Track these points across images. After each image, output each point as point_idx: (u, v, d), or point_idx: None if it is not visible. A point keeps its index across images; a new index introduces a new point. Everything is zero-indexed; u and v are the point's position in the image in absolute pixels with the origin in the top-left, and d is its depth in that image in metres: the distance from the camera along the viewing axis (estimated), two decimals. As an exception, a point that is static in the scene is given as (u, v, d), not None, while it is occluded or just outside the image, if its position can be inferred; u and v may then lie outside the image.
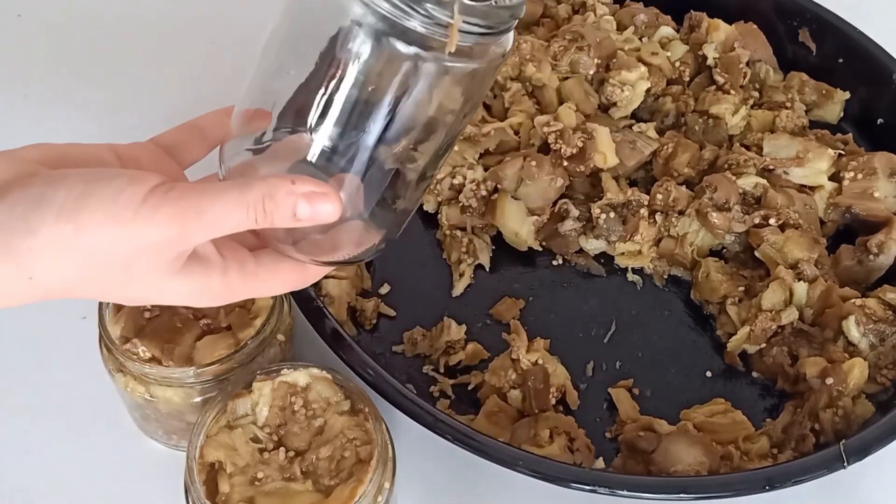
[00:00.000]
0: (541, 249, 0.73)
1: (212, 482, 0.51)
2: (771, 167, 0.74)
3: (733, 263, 0.72)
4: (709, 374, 0.67)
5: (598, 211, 0.71)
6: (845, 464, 0.56)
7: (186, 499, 0.52)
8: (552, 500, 0.60)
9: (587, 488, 0.55)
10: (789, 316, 0.66)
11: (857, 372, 0.62)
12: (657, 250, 0.72)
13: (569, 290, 0.72)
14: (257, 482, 0.51)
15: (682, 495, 0.55)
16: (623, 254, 0.73)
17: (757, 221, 0.70)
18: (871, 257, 0.70)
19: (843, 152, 0.76)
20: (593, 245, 0.73)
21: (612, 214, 0.71)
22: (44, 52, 0.88)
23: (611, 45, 0.80)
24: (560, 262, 0.73)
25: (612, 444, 0.63)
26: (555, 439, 0.60)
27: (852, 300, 0.66)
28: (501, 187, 0.72)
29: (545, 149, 0.73)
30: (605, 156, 0.73)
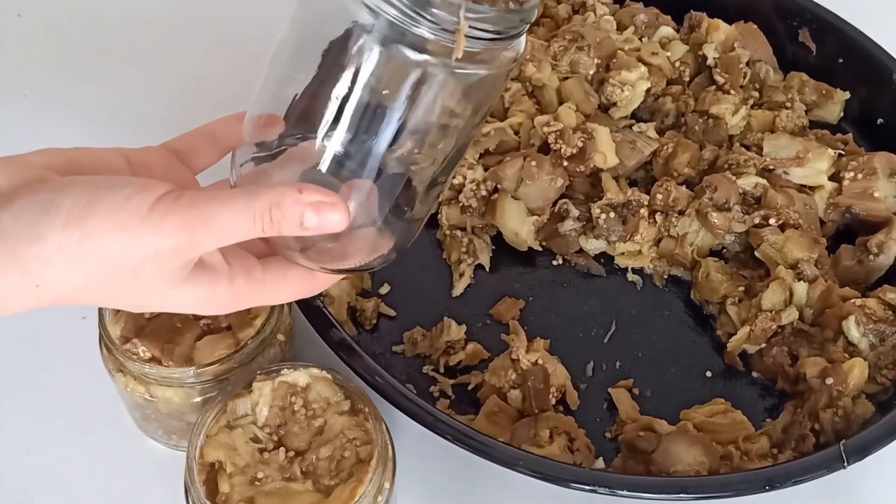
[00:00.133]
0: (541, 249, 0.73)
1: (212, 482, 0.51)
2: (771, 167, 0.74)
3: (733, 263, 0.72)
4: (709, 374, 0.67)
5: (598, 211, 0.71)
6: (845, 464, 0.56)
7: (186, 499, 0.52)
8: (552, 500, 0.60)
9: (587, 488, 0.55)
10: (789, 316, 0.66)
11: (857, 372, 0.62)
12: (657, 250, 0.72)
13: (569, 290, 0.72)
14: (257, 482, 0.51)
15: (682, 495, 0.55)
16: (623, 254, 0.73)
17: (757, 221, 0.70)
18: (871, 257, 0.70)
19: (843, 152, 0.76)
20: (593, 245, 0.73)
21: (612, 214, 0.71)
22: (44, 52, 0.88)
23: (611, 45, 0.80)
24: (560, 262, 0.73)
25: (612, 444, 0.63)
26: (555, 439, 0.60)
27: (852, 300, 0.66)
28: (501, 187, 0.72)
29: (545, 149, 0.73)
30: (605, 156, 0.73)
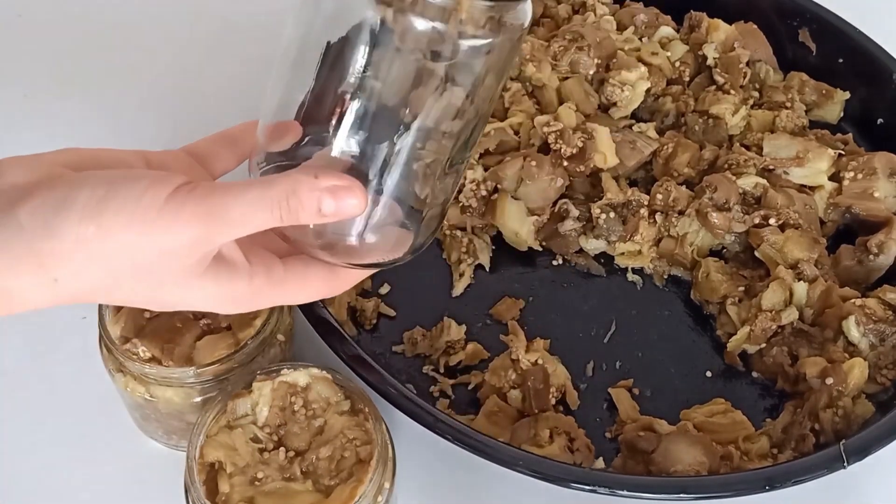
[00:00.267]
0: (541, 249, 0.73)
1: (212, 482, 0.51)
2: (771, 167, 0.74)
3: (733, 263, 0.72)
4: (709, 374, 0.67)
5: (598, 211, 0.71)
6: (845, 464, 0.56)
7: (186, 499, 0.52)
8: (552, 500, 0.60)
9: (587, 488, 0.55)
10: (789, 316, 0.66)
11: (857, 372, 0.62)
12: (657, 250, 0.72)
13: (569, 290, 0.72)
14: (257, 482, 0.51)
15: (682, 495, 0.55)
16: (623, 254, 0.73)
17: (757, 221, 0.70)
18: (871, 257, 0.70)
19: (843, 152, 0.76)
20: (593, 245, 0.73)
21: (612, 214, 0.71)
22: (44, 52, 0.88)
23: (611, 45, 0.80)
24: (560, 262, 0.73)
25: (612, 444, 0.63)
26: (555, 439, 0.60)
27: (852, 300, 0.66)
28: (501, 187, 0.72)
29: (545, 149, 0.73)
30: (605, 156, 0.73)
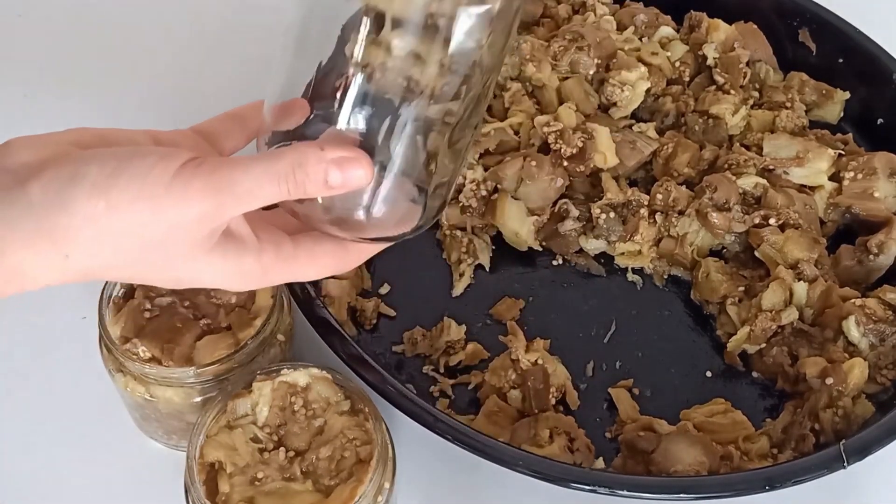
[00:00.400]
0: (541, 249, 0.73)
1: (212, 482, 0.51)
2: (771, 167, 0.74)
3: (733, 263, 0.72)
4: (709, 374, 0.67)
5: (598, 211, 0.71)
6: (845, 464, 0.56)
7: (186, 499, 0.52)
8: (552, 500, 0.60)
9: (587, 488, 0.55)
10: (789, 316, 0.66)
11: (857, 372, 0.62)
12: (657, 250, 0.72)
13: (569, 290, 0.72)
14: (257, 482, 0.51)
15: (682, 495, 0.55)
16: (623, 254, 0.73)
17: (757, 221, 0.70)
18: (871, 257, 0.70)
19: (843, 152, 0.76)
20: (593, 245, 0.73)
21: (612, 214, 0.71)
22: (44, 52, 0.88)
23: (611, 45, 0.80)
24: (560, 262, 0.73)
25: (612, 444, 0.63)
26: (555, 439, 0.60)
27: (852, 300, 0.66)
28: (501, 187, 0.72)
29: (545, 149, 0.73)
30: (605, 156, 0.72)
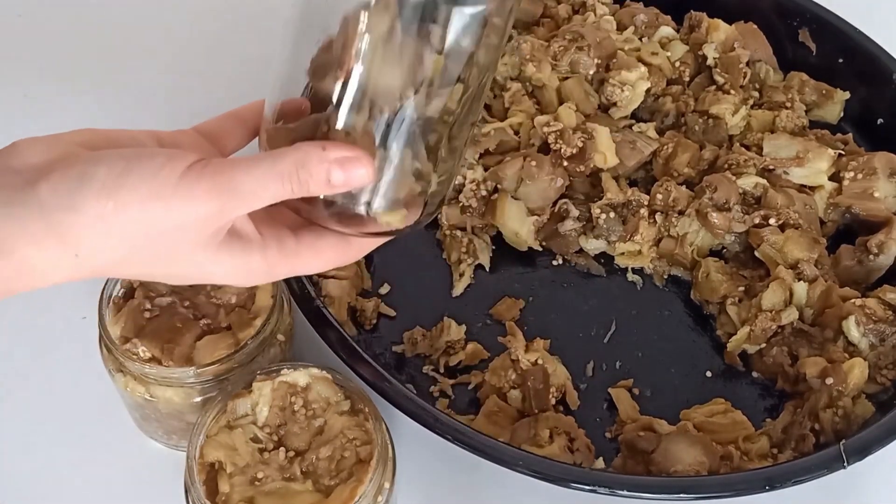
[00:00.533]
0: (541, 249, 0.73)
1: (212, 482, 0.51)
2: (771, 167, 0.74)
3: (733, 263, 0.72)
4: (709, 374, 0.67)
5: (598, 211, 0.71)
6: (845, 464, 0.56)
7: (186, 499, 0.52)
8: (552, 500, 0.60)
9: (587, 488, 0.55)
10: (789, 316, 0.66)
11: (857, 372, 0.62)
12: (657, 250, 0.72)
13: (569, 290, 0.72)
14: (257, 482, 0.51)
15: (682, 495, 0.55)
16: (623, 254, 0.73)
17: (757, 221, 0.70)
18: (871, 257, 0.70)
19: (843, 152, 0.76)
20: (593, 245, 0.73)
21: (612, 214, 0.71)
22: (44, 52, 0.88)
23: (611, 45, 0.80)
24: (560, 262, 0.73)
25: (612, 444, 0.63)
26: (555, 439, 0.60)
27: (852, 300, 0.66)
28: (501, 187, 0.72)
29: (545, 149, 0.73)
30: (605, 156, 0.73)
